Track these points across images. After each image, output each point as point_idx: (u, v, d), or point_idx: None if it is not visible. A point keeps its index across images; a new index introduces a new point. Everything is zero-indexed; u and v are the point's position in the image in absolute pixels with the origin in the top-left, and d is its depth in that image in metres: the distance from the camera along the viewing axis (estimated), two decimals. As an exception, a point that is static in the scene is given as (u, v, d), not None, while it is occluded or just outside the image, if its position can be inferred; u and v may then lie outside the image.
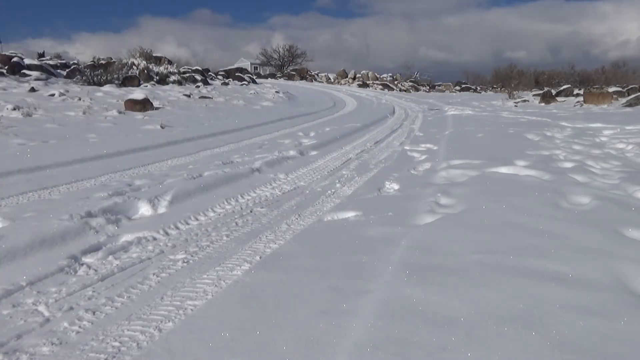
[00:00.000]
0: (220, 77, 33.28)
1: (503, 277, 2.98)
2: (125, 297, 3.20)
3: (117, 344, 2.62)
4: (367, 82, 51.45)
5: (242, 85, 31.21)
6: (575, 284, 2.86)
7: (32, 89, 16.80)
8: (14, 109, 12.67)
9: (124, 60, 25.15)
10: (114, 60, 24.72)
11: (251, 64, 62.03)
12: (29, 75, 19.07)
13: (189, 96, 21.28)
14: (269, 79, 48.82)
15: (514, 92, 35.44)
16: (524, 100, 31.34)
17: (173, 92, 21.80)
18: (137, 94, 17.11)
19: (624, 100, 24.17)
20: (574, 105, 25.76)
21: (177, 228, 4.62)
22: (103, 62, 23.72)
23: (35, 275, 3.42)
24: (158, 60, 27.98)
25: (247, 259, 3.84)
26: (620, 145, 10.05)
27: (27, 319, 2.89)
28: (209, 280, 3.45)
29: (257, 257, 3.87)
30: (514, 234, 3.78)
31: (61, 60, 24.23)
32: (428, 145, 10.38)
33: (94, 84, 20.21)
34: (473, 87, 58.33)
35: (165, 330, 2.74)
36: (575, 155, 8.47)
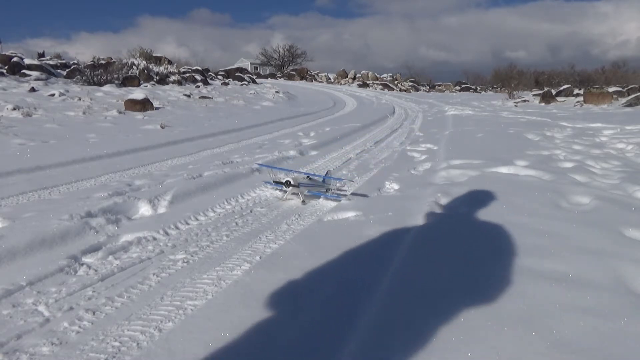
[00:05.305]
0: (220, 77, 33.31)
1: (503, 277, 2.98)
2: (125, 297, 3.20)
3: (117, 344, 2.62)
4: (367, 82, 51.46)
5: (242, 85, 31.23)
6: (575, 284, 2.86)
7: (32, 89, 16.80)
8: (14, 109, 12.68)
9: (124, 60, 25.17)
10: (114, 60, 24.74)
11: (251, 64, 62.06)
12: (29, 75, 19.07)
13: (189, 96, 21.28)
14: (269, 79, 48.84)
15: (514, 92, 35.47)
16: (524, 100, 31.37)
17: (173, 92, 21.80)
18: (137, 94, 17.11)
19: (624, 100, 24.18)
20: (574, 105, 25.77)
21: (177, 228, 4.62)
22: (103, 62, 23.74)
23: (35, 275, 3.42)
24: (158, 60, 28.01)
25: (247, 259, 3.84)
26: (620, 145, 10.06)
27: (27, 319, 2.89)
28: (209, 280, 3.45)
29: (257, 257, 3.88)
30: (514, 234, 3.79)
31: (61, 60, 24.25)
32: (428, 145, 10.38)
33: (94, 84, 20.21)
34: (473, 87, 58.32)
35: (165, 330, 2.73)
36: (575, 155, 8.48)
